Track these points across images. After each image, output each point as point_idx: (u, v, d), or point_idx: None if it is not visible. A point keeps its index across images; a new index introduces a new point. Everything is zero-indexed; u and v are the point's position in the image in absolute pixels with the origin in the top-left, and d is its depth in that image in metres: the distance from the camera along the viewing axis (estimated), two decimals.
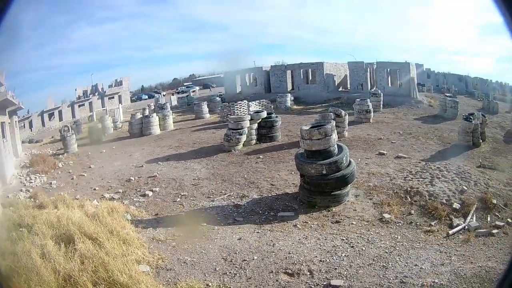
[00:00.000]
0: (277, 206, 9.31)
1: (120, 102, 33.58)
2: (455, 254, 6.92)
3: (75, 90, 33.80)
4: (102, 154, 17.25)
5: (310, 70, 31.07)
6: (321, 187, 8.96)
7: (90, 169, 14.97)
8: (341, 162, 9.01)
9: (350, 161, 9.42)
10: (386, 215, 8.55)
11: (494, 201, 9.45)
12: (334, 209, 8.82)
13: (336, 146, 9.47)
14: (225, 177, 11.86)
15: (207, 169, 13.08)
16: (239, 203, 9.70)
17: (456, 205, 9.11)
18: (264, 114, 16.42)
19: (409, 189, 9.89)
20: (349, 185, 9.34)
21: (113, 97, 34.17)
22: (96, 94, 34.07)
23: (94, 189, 12.25)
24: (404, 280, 5.88)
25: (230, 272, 6.35)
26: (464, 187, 10.03)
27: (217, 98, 28.65)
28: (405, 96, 25.14)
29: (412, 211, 8.91)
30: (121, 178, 13.01)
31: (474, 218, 8.74)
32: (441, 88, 30.73)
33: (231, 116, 16.88)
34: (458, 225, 8.30)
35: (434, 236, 7.87)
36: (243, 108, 21.42)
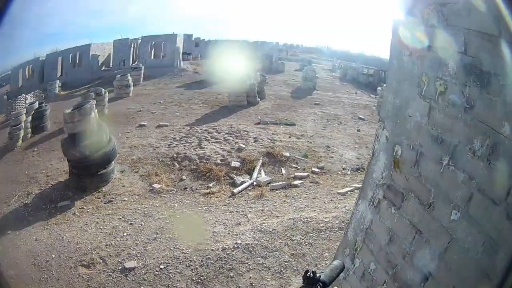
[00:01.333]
0: (55, 197, 8.71)
1: None
2: (250, 212, 6.94)
3: None
4: None
5: (78, 53, 29.26)
6: (87, 168, 8.71)
7: None
8: (101, 140, 8.93)
9: (110, 138, 9.30)
10: (156, 185, 8.33)
11: (287, 154, 9.71)
12: (104, 189, 8.57)
13: (95, 125, 9.30)
14: (12, 178, 10.61)
15: None
16: (27, 202, 8.89)
17: (235, 163, 9.05)
18: (36, 105, 15.53)
19: (175, 155, 9.70)
20: (113, 162, 9.14)
21: None
22: None
23: None
24: (199, 248, 5.69)
25: (43, 277, 5.85)
26: (242, 144, 10.13)
27: (5, 97, 24.97)
28: (169, 67, 25.55)
29: (184, 177, 8.74)
30: None
31: (263, 173, 8.75)
32: (208, 55, 31.66)
33: (12, 113, 15.70)
34: (242, 182, 8.20)
35: (217, 197, 7.76)
36: (21, 103, 19.98)
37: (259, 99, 15.93)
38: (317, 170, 9.16)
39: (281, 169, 9.05)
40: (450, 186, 1.66)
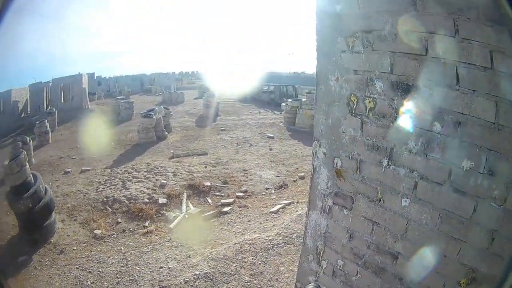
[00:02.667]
0: (13, 252, 8.19)
1: None
2: (193, 243, 7.05)
3: None
4: None
5: (1, 101, 26.48)
6: (34, 221, 8.41)
7: None
8: (40, 190, 8.67)
9: (46, 188, 9.03)
10: (97, 231, 8.29)
11: (207, 183, 9.94)
12: (52, 240, 8.30)
13: (31, 175, 9.00)
14: None
15: None
16: None
17: (162, 200, 9.20)
18: None
19: (105, 199, 9.65)
20: (53, 213, 8.84)
21: None
22: None
23: None
24: (162, 285, 5.78)
25: None
26: (163, 180, 10.20)
27: None
28: (78, 109, 25.12)
29: (119, 219, 8.75)
30: None
31: (191, 205, 8.89)
32: (112, 93, 30.81)
33: None
34: (175, 217, 8.32)
35: (157, 235, 7.85)
36: None
37: (166, 133, 15.95)
38: (241, 194, 9.52)
39: (207, 199, 9.28)
40: (394, 181, 2.03)
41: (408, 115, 1.95)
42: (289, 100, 20.47)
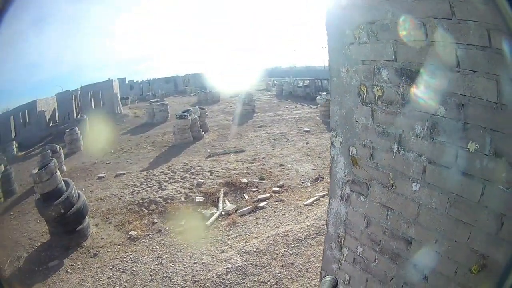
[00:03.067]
0: (44, 258, 8.52)
1: None
2: (229, 239, 7.16)
3: None
4: None
5: (26, 111, 28.08)
6: (65, 226, 8.75)
7: None
8: (72, 196, 8.98)
9: (78, 193, 9.37)
10: (133, 232, 8.48)
11: (244, 180, 10.03)
12: (85, 244, 8.62)
13: (62, 182, 9.36)
14: None
15: None
16: (19, 266, 8.47)
17: (198, 199, 9.35)
18: (2, 168, 14.86)
19: (141, 201, 9.81)
20: (86, 217, 9.17)
21: None
22: None
23: None
24: (195, 279, 5.90)
25: None
26: (200, 179, 10.34)
27: None
28: (110, 114, 25.53)
29: (155, 220, 8.92)
30: None
31: (228, 202, 9.00)
32: (145, 96, 31.40)
33: None
34: (211, 214, 8.44)
35: (192, 233, 7.92)
36: None
37: (203, 133, 16.25)
38: (277, 189, 9.62)
39: (244, 195, 9.47)
40: (404, 166, 2.07)
41: (413, 101, 1.98)
42: (324, 93, 20.23)
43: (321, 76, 29.79)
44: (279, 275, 5.55)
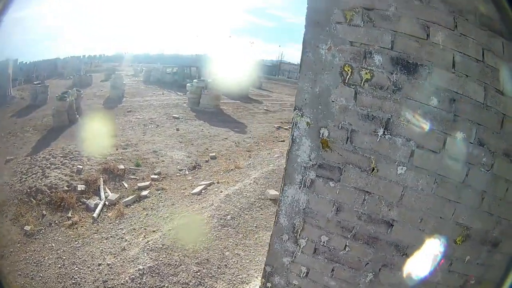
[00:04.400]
0: None
1: None
2: (124, 233, 6.75)
3: None
4: None
5: None
6: None
7: None
8: None
9: None
10: (27, 227, 7.63)
11: (122, 166, 9.56)
12: None
13: None
14: None
15: None
16: None
17: (80, 187, 8.71)
18: None
19: (29, 190, 8.88)
20: None
21: None
22: None
23: None
24: (108, 285, 5.37)
25: None
26: (79, 166, 9.63)
27: None
28: (1, 96, 21.79)
29: (44, 211, 8.13)
30: None
31: (109, 191, 8.50)
32: (30, 78, 27.86)
33: None
34: (96, 204, 7.98)
35: (82, 226, 7.42)
36: None
37: (77, 116, 15.08)
38: (156, 176, 9.32)
39: (123, 183, 8.92)
40: (390, 150, 2.12)
41: (406, 88, 2.07)
42: (195, 80, 20.43)
43: (188, 64, 30.13)
44: (198, 274, 5.22)
